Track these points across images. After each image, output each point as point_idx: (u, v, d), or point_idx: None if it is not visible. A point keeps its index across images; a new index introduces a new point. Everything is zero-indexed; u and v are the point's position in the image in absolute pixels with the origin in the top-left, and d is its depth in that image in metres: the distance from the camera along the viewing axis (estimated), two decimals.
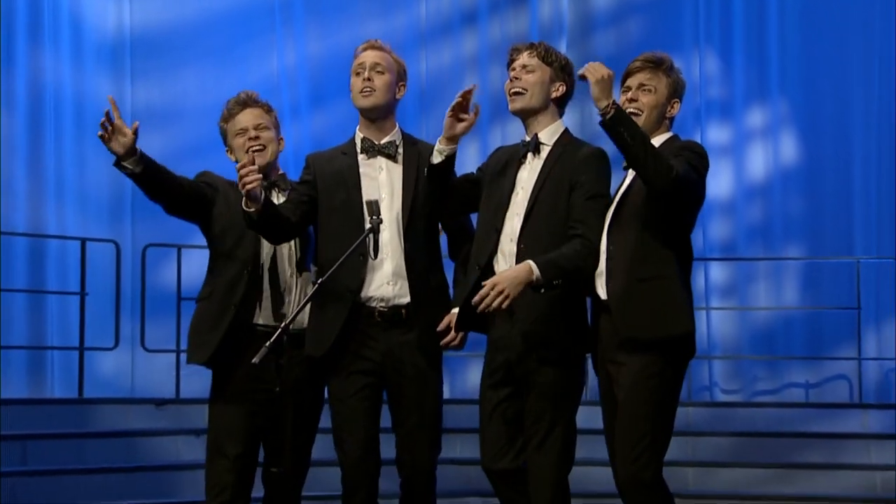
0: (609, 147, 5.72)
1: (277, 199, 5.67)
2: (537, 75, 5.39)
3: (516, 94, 5.39)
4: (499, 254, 5.34)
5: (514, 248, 5.29)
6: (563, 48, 13.29)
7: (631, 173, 5.28)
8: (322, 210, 5.53)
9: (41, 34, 12.10)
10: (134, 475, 10.21)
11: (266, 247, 5.64)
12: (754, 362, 12.78)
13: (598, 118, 4.94)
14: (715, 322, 12.64)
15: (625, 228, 5.16)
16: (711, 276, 12.67)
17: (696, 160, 5.14)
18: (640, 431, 5.01)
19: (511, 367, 5.26)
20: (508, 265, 5.25)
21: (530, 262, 5.08)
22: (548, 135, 5.40)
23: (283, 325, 4.93)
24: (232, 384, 5.60)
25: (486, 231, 5.39)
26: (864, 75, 12.91)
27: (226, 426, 5.60)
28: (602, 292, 5.17)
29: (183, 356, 11.35)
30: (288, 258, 5.66)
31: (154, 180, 5.49)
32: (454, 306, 5.48)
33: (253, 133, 5.65)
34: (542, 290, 5.09)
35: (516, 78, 5.39)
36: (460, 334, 5.41)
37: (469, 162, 13.23)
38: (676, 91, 5.33)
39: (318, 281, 5.07)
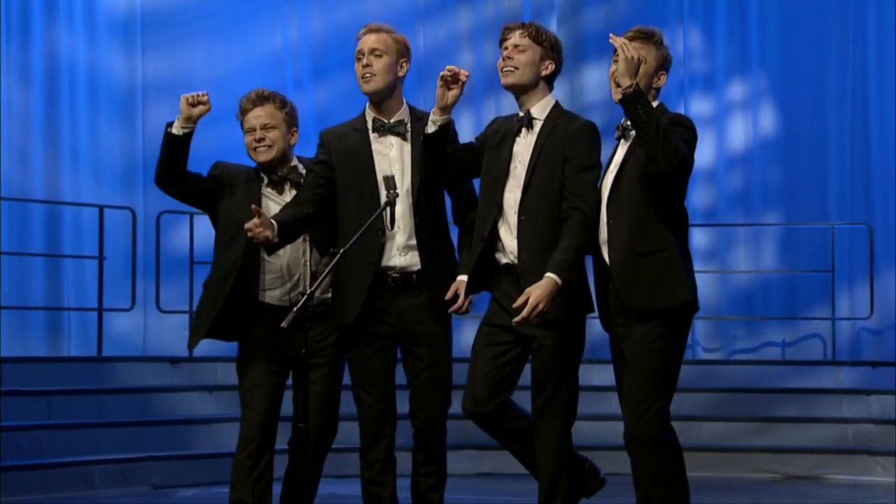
0: (597, 119, 5.93)
1: (290, 192, 5.76)
2: (528, 55, 5.51)
3: (508, 70, 5.53)
4: (503, 225, 5.48)
5: (516, 219, 5.44)
6: (553, 25, 13.40)
7: (623, 145, 5.41)
8: (338, 187, 5.67)
9: (56, 10, 12.16)
10: (150, 429, 10.41)
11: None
12: (734, 322, 12.96)
13: (591, 93, 5.08)
14: (697, 284, 12.80)
15: (623, 202, 5.28)
16: (694, 241, 12.77)
17: (687, 135, 5.27)
18: (644, 392, 5.19)
19: (514, 328, 5.42)
20: (513, 236, 5.42)
21: (550, 274, 5.23)
22: (539, 110, 5.54)
23: (308, 291, 5.08)
24: (254, 351, 5.77)
25: (488, 205, 5.53)
26: (839, 51, 13.01)
27: (251, 388, 5.77)
28: (607, 259, 5.31)
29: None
30: (302, 240, 5.76)
31: (181, 152, 5.63)
32: (459, 273, 5.65)
33: (259, 134, 5.73)
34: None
35: (509, 57, 5.52)
36: (468, 301, 5.58)
37: (464, 133, 13.31)
38: (664, 64, 5.43)
39: (341, 250, 5.21)
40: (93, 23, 12.43)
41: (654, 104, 5.36)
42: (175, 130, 5.54)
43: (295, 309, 4.94)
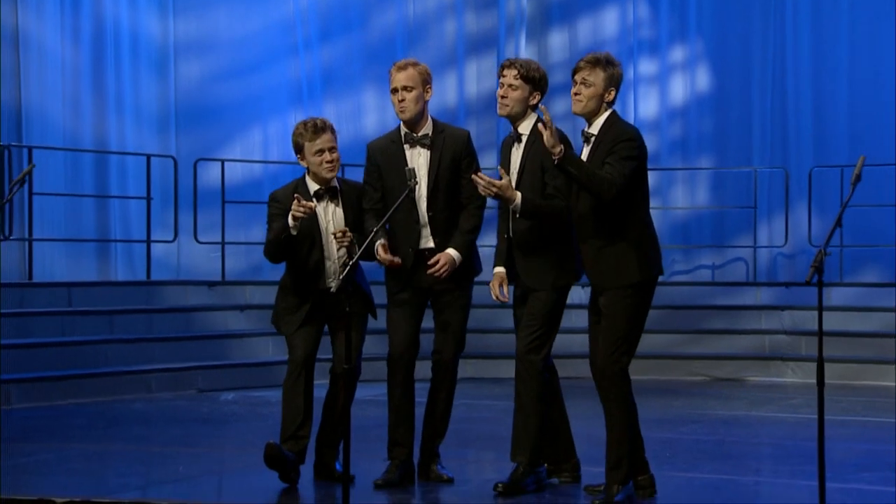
0: (560, 76, 6.12)
1: (329, 203, 6.12)
2: (519, 92, 5.86)
3: (504, 105, 5.90)
4: (511, 220, 5.96)
5: (511, 216, 5.89)
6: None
7: (586, 148, 5.72)
8: (384, 188, 6.10)
9: None
10: (194, 342, 10.83)
11: (327, 245, 6.11)
12: (673, 250, 13.30)
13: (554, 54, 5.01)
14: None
15: (587, 198, 5.59)
16: None
17: (628, 151, 5.56)
18: (614, 336, 5.59)
19: (525, 293, 5.95)
20: (511, 226, 5.92)
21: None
22: (525, 126, 5.94)
23: (351, 263, 5.57)
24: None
25: (504, 206, 5.99)
26: (761, 20, 13.25)
27: (297, 339, 6.19)
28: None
29: (229, 248, 11.94)
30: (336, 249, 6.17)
31: (291, 242, 6.04)
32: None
33: (329, 157, 6.08)
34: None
35: (504, 95, 5.89)
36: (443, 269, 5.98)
37: (449, 92, 13.70)
38: (612, 82, 5.66)
39: (375, 229, 5.72)
40: None
41: (607, 114, 5.68)
42: (293, 231, 5.92)
43: (341, 276, 5.41)
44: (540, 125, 5.52)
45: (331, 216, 6.15)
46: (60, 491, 5.83)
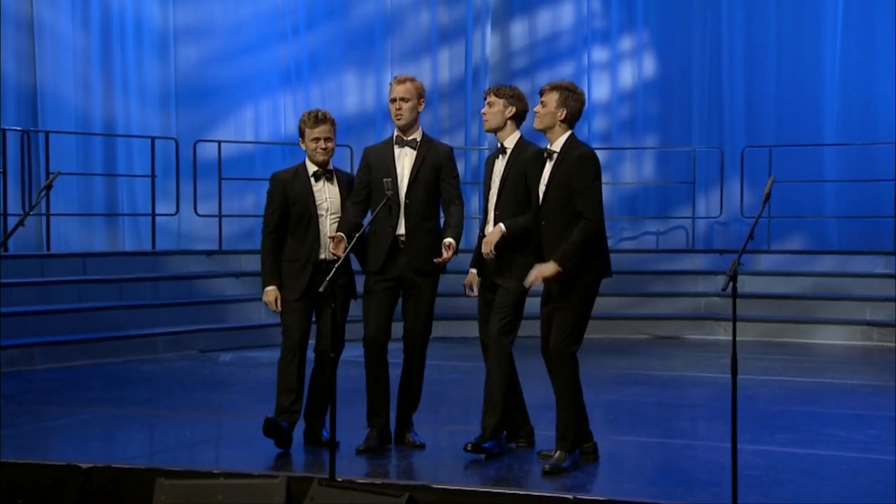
0: (522, 61, 6.38)
1: (324, 183, 6.40)
2: (495, 108, 6.25)
3: (485, 121, 6.30)
4: (489, 220, 6.30)
5: (493, 215, 6.25)
6: None
7: (549, 164, 5.96)
8: (373, 180, 6.38)
9: None
10: (195, 307, 11.03)
11: (323, 218, 6.37)
12: (622, 220, 13.64)
13: (516, 41, 5.21)
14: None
15: (552, 211, 5.87)
16: None
17: (593, 171, 5.82)
18: (566, 325, 5.87)
19: (493, 282, 6.27)
20: (490, 225, 6.24)
21: (501, 224, 6.13)
22: (509, 141, 6.28)
23: (337, 264, 5.82)
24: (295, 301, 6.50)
25: (485, 208, 6.35)
26: (700, 13, 13.52)
27: (291, 323, 6.49)
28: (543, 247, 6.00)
29: (225, 220, 12.14)
30: (330, 224, 6.45)
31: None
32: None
33: (323, 144, 6.38)
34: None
35: (484, 113, 6.32)
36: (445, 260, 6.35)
37: (423, 78, 13.59)
38: (564, 105, 5.93)
39: (356, 236, 5.98)
40: None
41: (566, 135, 5.95)
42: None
43: (328, 277, 5.68)
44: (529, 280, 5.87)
45: (327, 194, 6.42)
46: (83, 455, 6.03)
